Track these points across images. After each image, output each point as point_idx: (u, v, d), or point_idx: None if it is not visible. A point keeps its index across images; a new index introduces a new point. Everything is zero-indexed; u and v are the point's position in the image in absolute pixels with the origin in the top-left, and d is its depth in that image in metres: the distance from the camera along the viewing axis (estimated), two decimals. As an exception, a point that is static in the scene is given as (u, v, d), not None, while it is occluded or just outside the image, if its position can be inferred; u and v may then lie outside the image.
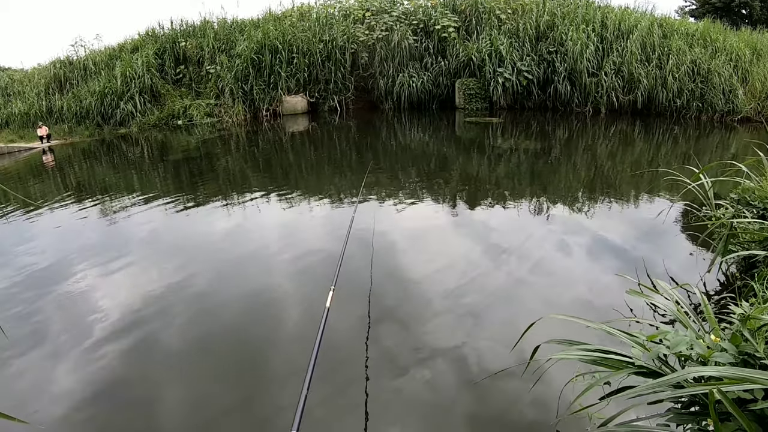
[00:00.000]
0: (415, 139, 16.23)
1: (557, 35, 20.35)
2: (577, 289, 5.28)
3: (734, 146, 13.93)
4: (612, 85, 19.34)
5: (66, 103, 21.60)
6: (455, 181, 10.17)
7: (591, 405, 2.46)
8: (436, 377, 3.77)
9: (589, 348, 2.35)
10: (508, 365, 3.46)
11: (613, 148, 14.07)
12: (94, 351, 4.41)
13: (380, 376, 3.83)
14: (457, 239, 7.03)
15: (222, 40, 22.79)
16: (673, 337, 2.10)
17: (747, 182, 5.51)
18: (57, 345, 4.58)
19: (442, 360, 3.98)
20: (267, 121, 20.87)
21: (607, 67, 19.39)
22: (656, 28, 20.01)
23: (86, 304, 5.33)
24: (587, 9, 21.19)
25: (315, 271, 5.90)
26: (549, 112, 20.12)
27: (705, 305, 2.61)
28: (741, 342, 2.11)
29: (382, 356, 4.09)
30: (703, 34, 19.81)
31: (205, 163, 13.59)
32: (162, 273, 6.09)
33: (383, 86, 21.88)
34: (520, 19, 21.24)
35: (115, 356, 4.31)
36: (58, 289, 5.74)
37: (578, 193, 9.26)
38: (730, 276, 5.27)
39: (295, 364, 4.02)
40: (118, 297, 5.48)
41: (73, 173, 13.73)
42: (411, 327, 4.56)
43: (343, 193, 9.51)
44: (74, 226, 8.29)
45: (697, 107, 18.52)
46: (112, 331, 4.74)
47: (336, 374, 3.88)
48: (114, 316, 5.04)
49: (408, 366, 3.92)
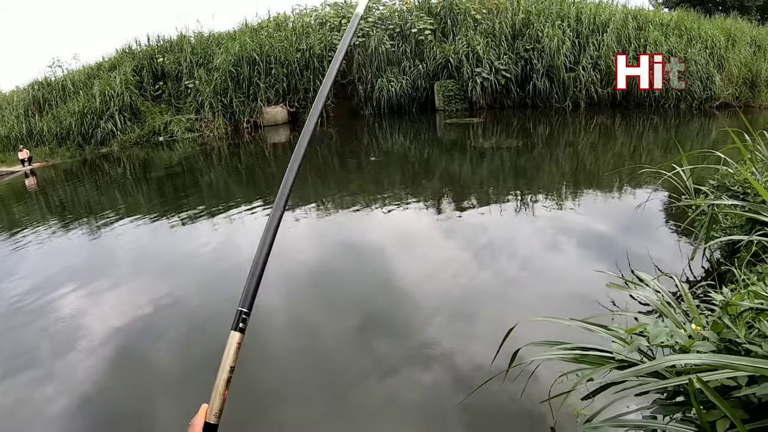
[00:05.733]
0: (397, 143, 16.24)
1: (533, 32, 20.39)
2: (563, 285, 5.28)
3: (714, 132, 14.04)
4: (590, 79, 19.43)
5: (46, 125, 21.37)
6: (438, 183, 10.18)
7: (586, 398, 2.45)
8: (426, 384, 3.75)
9: (569, 346, 2.34)
10: (495, 370, 3.45)
11: (594, 141, 14.15)
12: (80, 365, 4.36)
13: (369, 382, 3.81)
14: (442, 241, 7.03)
15: (199, 54, 22.65)
16: (653, 328, 2.09)
17: (725, 168, 5.54)
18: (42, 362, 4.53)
19: (430, 366, 3.96)
20: (248, 133, 20.77)
21: (585, 62, 19.48)
22: (631, 20, 20.13)
23: (70, 323, 5.28)
24: (561, 5, 21.27)
25: (301, 281, 5.88)
26: (529, 109, 20.17)
27: (685, 294, 2.61)
28: (723, 329, 2.11)
29: (370, 362, 4.07)
30: (677, 24, 19.97)
31: (189, 179, 13.52)
32: (148, 290, 6.03)
33: (362, 92, 21.81)
34: (495, 19, 21.25)
35: (104, 370, 4.26)
36: (42, 310, 5.67)
37: (561, 189, 9.29)
38: (715, 262, 5.30)
39: (291, 379, 3.99)
40: (104, 315, 5.42)
41: (56, 195, 13.61)
42: (399, 332, 4.55)
43: (327, 202, 9.49)
44: (58, 247, 8.21)
45: (676, 96, 18.65)
46: (99, 347, 4.68)
47: (324, 382, 3.85)
48: (100, 334, 4.99)
49: (396, 372, 3.90)
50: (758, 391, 1.78)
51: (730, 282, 3.53)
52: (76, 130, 20.91)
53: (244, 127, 21.29)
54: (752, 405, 1.89)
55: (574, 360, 2.28)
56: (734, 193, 5.11)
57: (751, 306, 2.16)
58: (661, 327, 2.11)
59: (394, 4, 23.48)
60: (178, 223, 8.82)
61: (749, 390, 1.81)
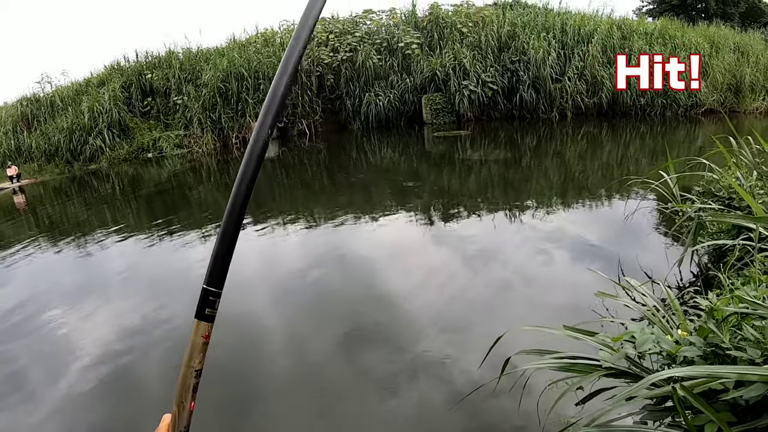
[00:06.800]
0: (386, 156, 16.29)
1: (519, 44, 20.60)
2: (554, 293, 5.30)
3: (700, 138, 14.17)
4: (576, 89, 19.62)
5: (34, 141, 21.22)
6: (427, 196, 10.20)
7: (570, 411, 2.46)
8: (418, 394, 3.75)
9: (558, 355, 2.35)
10: (483, 380, 3.45)
11: (582, 151, 14.24)
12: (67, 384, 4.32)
13: (360, 394, 3.80)
14: (431, 252, 7.04)
15: (188, 70, 22.64)
16: (640, 335, 2.11)
17: (710, 174, 5.60)
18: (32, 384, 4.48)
19: (421, 376, 3.96)
20: (237, 149, 20.73)
21: (570, 72, 19.68)
22: (615, 30, 20.36)
23: (62, 342, 5.23)
24: (547, 17, 21.52)
25: (295, 299, 5.86)
26: (516, 120, 20.31)
27: (671, 300, 2.63)
28: (709, 334, 2.13)
29: (361, 374, 4.07)
30: (661, 32, 20.25)
31: (178, 195, 13.48)
32: (140, 307, 5.99)
33: (350, 107, 21.92)
34: (481, 32, 21.44)
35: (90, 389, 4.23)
36: (31, 326, 5.62)
37: (550, 199, 9.34)
38: (703, 267, 5.34)
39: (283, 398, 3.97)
40: (96, 333, 5.38)
41: (45, 213, 13.52)
42: (388, 342, 4.55)
43: (318, 216, 9.49)
44: (48, 265, 8.16)
45: (662, 104, 18.84)
46: (87, 366, 4.65)
47: (314, 392, 3.84)
48: (94, 352, 4.95)
49: (387, 384, 3.90)
50: (745, 394, 1.80)
51: (717, 287, 3.56)
52: (65, 147, 20.79)
53: (233, 143, 21.27)
54: (740, 407, 1.91)
55: (562, 369, 2.29)
56: (720, 199, 5.17)
57: (736, 311, 2.18)
58: (648, 334, 2.13)
59: (381, 18, 23.64)
60: (168, 240, 8.78)
61: (736, 393, 1.83)
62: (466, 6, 22.79)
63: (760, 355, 1.90)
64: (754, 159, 5.54)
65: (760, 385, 1.77)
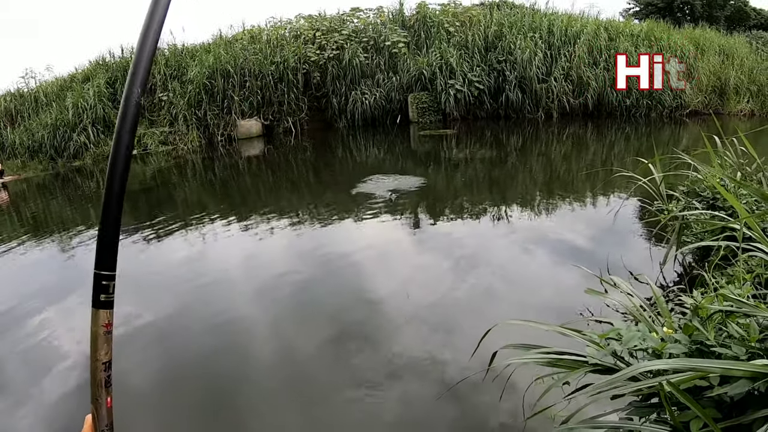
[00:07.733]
0: (371, 155, 16.28)
1: (506, 44, 20.62)
2: (540, 292, 5.33)
3: (685, 139, 14.31)
4: (562, 89, 19.68)
5: (18, 137, 20.87)
6: (413, 195, 10.21)
7: (554, 404, 2.47)
8: (403, 391, 3.75)
9: (545, 350, 2.37)
10: (471, 373, 3.46)
11: (566, 151, 14.33)
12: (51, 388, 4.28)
13: (346, 393, 3.80)
14: (418, 253, 7.05)
15: (173, 66, 22.39)
16: (626, 332, 2.12)
17: (695, 174, 5.64)
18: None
19: (407, 373, 3.97)
20: (222, 146, 20.58)
21: (557, 73, 19.74)
22: (602, 31, 20.46)
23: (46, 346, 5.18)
24: (534, 17, 21.58)
25: (282, 297, 5.84)
26: (502, 120, 20.34)
27: (657, 298, 2.65)
28: (694, 331, 2.15)
29: (347, 373, 4.06)
30: (648, 34, 20.35)
31: (163, 193, 13.40)
32: (123, 308, 5.94)
33: (336, 105, 21.80)
34: (468, 31, 21.45)
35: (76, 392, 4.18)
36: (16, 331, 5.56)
37: (535, 198, 9.39)
38: (687, 267, 5.39)
39: (269, 397, 3.96)
40: (75, 334, 5.33)
41: (29, 210, 13.38)
42: (375, 342, 4.54)
43: (303, 214, 9.47)
44: (29, 264, 8.07)
45: (647, 105, 18.98)
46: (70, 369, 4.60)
47: (300, 393, 3.83)
48: (71, 355, 4.90)
49: (373, 382, 3.90)
50: (730, 391, 1.82)
51: (702, 285, 3.60)
52: (49, 143, 20.47)
53: (219, 140, 21.10)
54: (725, 404, 1.93)
55: (549, 364, 2.31)
56: (704, 199, 5.22)
57: (721, 309, 2.20)
58: (634, 331, 2.14)
59: (368, 17, 23.61)
60: (153, 238, 8.72)
61: (721, 390, 1.85)
62: (453, 5, 22.84)
63: (744, 353, 1.91)
64: (738, 160, 5.61)
65: (745, 381, 1.79)
